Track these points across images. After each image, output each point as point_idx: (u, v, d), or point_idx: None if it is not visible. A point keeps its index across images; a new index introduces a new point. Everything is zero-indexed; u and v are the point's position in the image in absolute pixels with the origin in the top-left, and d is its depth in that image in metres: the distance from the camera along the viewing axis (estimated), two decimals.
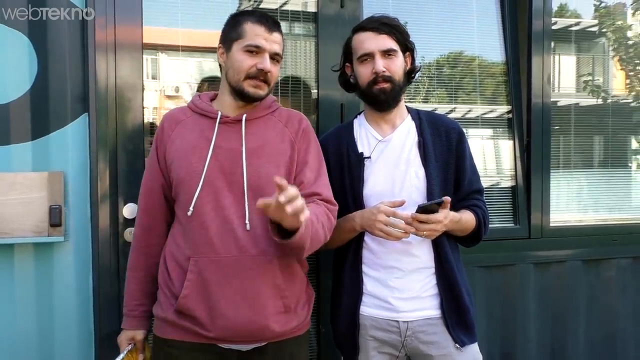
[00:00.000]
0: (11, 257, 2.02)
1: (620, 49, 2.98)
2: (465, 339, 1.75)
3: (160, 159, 1.70)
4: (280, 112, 1.74)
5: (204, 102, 1.70)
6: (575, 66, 2.92)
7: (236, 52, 1.61)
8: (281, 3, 2.37)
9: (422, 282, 1.76)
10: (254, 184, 1.60)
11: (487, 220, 1.85)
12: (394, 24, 1.79)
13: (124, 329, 1.76)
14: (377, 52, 1.76)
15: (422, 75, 2.64)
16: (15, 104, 2.01)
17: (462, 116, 2.68)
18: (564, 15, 2.86)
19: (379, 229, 1.65)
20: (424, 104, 2.65)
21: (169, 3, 2.22)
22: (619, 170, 2.94)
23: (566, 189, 2.82)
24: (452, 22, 2.66)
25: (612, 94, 2.94)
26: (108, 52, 2.08)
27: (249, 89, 1.62)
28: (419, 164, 1.77)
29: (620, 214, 2.90)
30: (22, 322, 2.02)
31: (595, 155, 2.91)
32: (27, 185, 2.00)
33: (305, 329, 1.73)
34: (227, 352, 1.61)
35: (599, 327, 2.75)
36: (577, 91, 2.91)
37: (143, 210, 1.75)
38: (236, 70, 1.61)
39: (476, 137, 2.71)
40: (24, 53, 2.01)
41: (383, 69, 1.75)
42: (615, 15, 2.94)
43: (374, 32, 1.77)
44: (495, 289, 2.58)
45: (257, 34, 1.60)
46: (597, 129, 2.89)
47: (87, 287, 2.07)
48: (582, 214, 2.85)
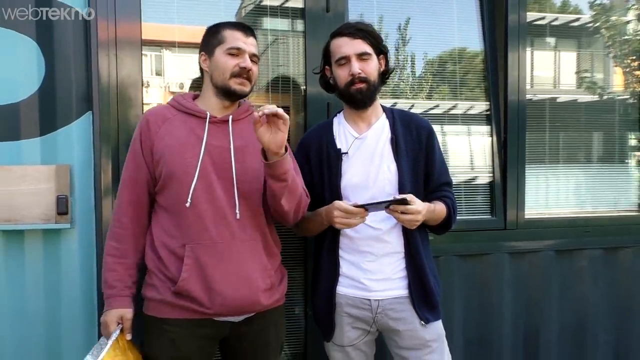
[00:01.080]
0: (22, 242, 2.16)
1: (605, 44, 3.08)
2: (430, 317, 1.92)
3: (146, 153, 1.81)
4: None
5: (190, 102, 1.85)
6: (559, 62, 3.04)
7: (219, 55, 1.80)
8: (283, 0, 2.51)
9: (392, 266, 1.93)
10: (241, 178, 1.79)
11: (455, 210, 2.00)
12: (369, 29, 1.93)
13: (110, 309, 1.79)
14: (353, 55, 1.91)
15: (404, 73, 2.78)
16: (25, 103, 2.15)
17: (443, 112, 2.81)
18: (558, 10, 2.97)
19: (337, 223, 1.80)
20: (409, 100, 2.78)
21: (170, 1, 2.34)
22: (593, 165, 3.06)
23: (542, 183, 2.95)
24: (433, 20, 2.78)
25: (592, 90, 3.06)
26: (109, 51, 2.20)
27: (235, 86, 1.80)
28: (391, 158, 1.93)
29: (592, 206, 3.03)
30: (31, 302, 2.17)
31: (569, 150, 3.01)
32: (37, 177, 2.14)
33: (283, 301, 1.95)
34: (221, 324, 1.81)
35: (571, 314, 2.87)
36: (554, 87, 3.03)
37: (129, 202, 1.83)
38: (221, 71, 1.79)
39: (457, 133, 2.84)
40: (32, 56, 2.16)
41: (359, 71, 1.90)
42: (602, 11, 3.05)
43: (349, 37, 1.92)
44: (473, 276, 2.71)
45: (236, 37, 1.80)
46: (573, 125, 3.00)
47: (91, 270, 2.21)
48: (555, 207, 2.97)
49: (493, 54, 2.82)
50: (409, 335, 1.92)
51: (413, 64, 2.80)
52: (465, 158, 2.86)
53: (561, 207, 2.99)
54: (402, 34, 2.74)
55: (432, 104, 2.81)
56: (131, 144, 1.87)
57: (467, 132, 2.87)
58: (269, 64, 2.50)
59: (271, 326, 1.89)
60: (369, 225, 1.89)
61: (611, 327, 2.96)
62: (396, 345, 1.96)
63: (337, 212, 1.79)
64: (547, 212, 2.94)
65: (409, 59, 2.79)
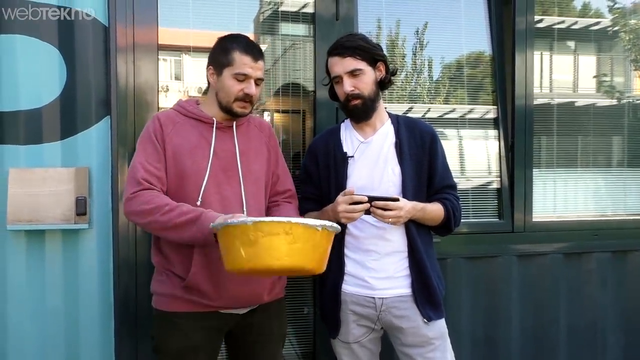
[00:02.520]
0: (42, 242, 2.26)
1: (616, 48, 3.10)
2: (433, 315, 1.97)
3: (161, 147, 1.84)
4: (252, 119, 2.04)
5: (196, 108, 1.93)
6: (566, 66, 3.06)
7: (226, 77, 1.87)
8: (301, 5, 2.58)
9: (396, 265, 1.98)
10: (246, 178, 1.90)
11: (456, 211, 2.04)
12: (358, 44, 1.96)
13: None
14: (344, 74, 1.96)
15: (413, 78, 2.84)
16: (46, 108, 2.26)
17: (447, 116, 2.85)
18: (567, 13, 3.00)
19: (343, 217, 1.86)
20: (426, 104, 2.84)
21: (189, 5, 2.43)
22: (602, 168, 3.07)
23: (550, 186, 2.97)
24: (442, 25, 2.83)
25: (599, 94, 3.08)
26: (127, 57, 2.30)
27: (237, 109, 1.89)
28: (395, 162, 1.99)
29: (602, 210, 3.05)
30: (51, 299, 2.27)
31: (578, 154, 3.03)
32: (57, 178, 2.24)
33: (283, 294, 2.04)
34: (227, 316, 1.89)
35: (580, 316, 2.90)
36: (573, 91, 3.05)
37: (144, 178, 1.79)
38: (226, 93, 1.88)
39: (466, 137, 2.88)
40: (55, 63, 2.27)
41: (351, 89, 1.96)
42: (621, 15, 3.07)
43: (339, 57, 1.97)
44: (481, 278, 2.75)
45: (245, 63, 1.86)
46: (584, 129, 3.02)
47: (108, 268, 2.30)
48: (563, 210, 2.99)
49: (501, 58, 2.87)
50: (412, 333, 1.97)
51: (422, 69, 2.85)
52: (473, 161, 2.89)
53: (570, 210, 3.00)
54: (411, 39, 2.80)
55: (440, 108, 2.86)
56: (141, 140, 1.89)
57: (476, 136, 2.91)
58: (283, 69, 2.58)
59: (274, 318, 1.98)
60: (373, 224, 1.95)
61: (620, 330, 2.97)
62: (400, 343, 2.02)
63: (341, 206, 1.84)
64: (555, 215, 2.97)
65: (418, 64, 2.84)
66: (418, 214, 1.94)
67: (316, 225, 1.52)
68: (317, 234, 1.53)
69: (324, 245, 1.59)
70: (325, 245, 1.60)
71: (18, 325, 2.25)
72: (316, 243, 1.54)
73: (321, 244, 1.57)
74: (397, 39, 2.78)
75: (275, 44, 2.59)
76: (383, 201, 1.84)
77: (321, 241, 1.57)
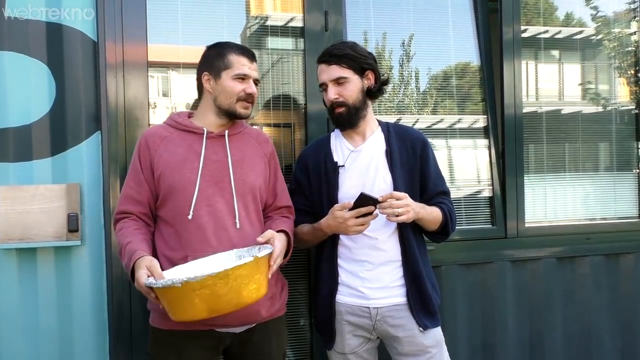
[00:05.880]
0: (34, 260, 2.24)
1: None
2: (428, 323, 1.97)
3: (146, 172, 1.87)
4: (249, 129, 2.03)
5: (187, 120, 1.93)
6: (552, 74, 3.09)
7: (226, 80, 1.88)
8: (287, 20, 2.60)
9: (390, 274, 1.98)
10: (240, 190, 1.87)
11: (453, 216, 2.05)
12: (344, 52, 1.97)
13: (141, 257, 1.69)
14: (329, 82, 1.98)
15: (402, 89, 2.87)
16: (36, 125, 2.25)
17: (437, 126, 2.88)
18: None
19: (353, 231, 1.84)
20: (414, 115, 2.85)
21: (177, 22, 2.44)
22: (591, 173, 3.09)
23: (541, 192, 3.00)
24: (431, 37, 2.86)
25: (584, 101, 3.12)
26: (117, 73, 2.30)
27: (241, 110, 1.90)
28: (386, 170, 2.00)
29: (592, 214, 3.07)
30: (44, 316, 2.25)
31: (567, 160, 3.06)
32: (48, 195, 2.23)
33: (284, 311, 2.00)
34: (223, 335, 1.86)
35: (575, 320, 2.90)
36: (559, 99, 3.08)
37: (142, 214, 1.89)
38: (228, 95, 1.88)
39: (457, 146, 2.90)
40: (44, 80, 2.26)
41: (335, 97, 1.98)
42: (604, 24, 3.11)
43: (325, 64, 2.00)
44: (475, 285, 2.76)
45: (243, 63, 1.89)
46: (571, 135, 3.05)
47: (101, 284, 2.28)
48: (555, 216, 3.01)
49: (489, 67, 2.89)
50: (408, 342, 1.96)
51: (409, 80, 2.87)
52: (465, 170, 2.91)
53: (562, 215, 3.02)
54: (399, 51, 2.82)
55: (429, 118, 2.88)
56: (131, 164, 1.94)
57: (466, 145, 2.93)
58: (272, 82, 2.59)
59: (273, 335, 1.94)
60: (366, 234, 1.95)
61: (616, 333, 2.98)
62: (396, 352, 2.01)
63: (350, 221, 1.81)
64: (546, 220, 2.98)
65: (406, 75, 2.86)
66: (422, 211, 1.92)
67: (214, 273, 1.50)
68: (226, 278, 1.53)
69: (244, 276, 1.57)
70: (244, 275, 1.57)
71: (11, 344, 2.23)
72: (229, 283, 1.54)
73: (238, 278, 1.55)
74: (383, 51, 2.80)
75: (262, 59, 2.59)
76: (384, 198, 1.81)
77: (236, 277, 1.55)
